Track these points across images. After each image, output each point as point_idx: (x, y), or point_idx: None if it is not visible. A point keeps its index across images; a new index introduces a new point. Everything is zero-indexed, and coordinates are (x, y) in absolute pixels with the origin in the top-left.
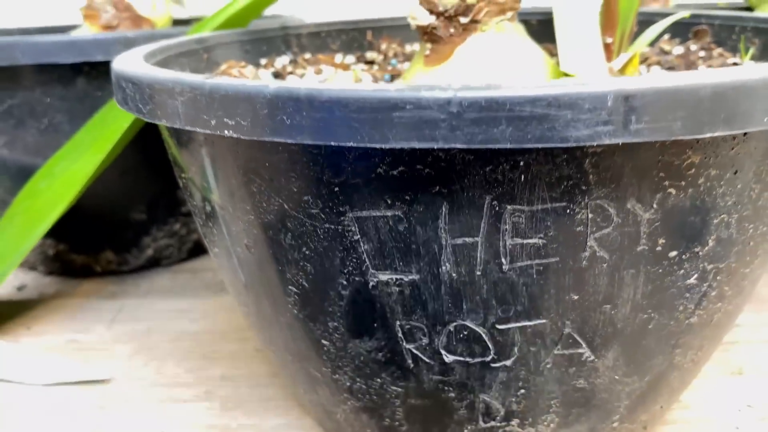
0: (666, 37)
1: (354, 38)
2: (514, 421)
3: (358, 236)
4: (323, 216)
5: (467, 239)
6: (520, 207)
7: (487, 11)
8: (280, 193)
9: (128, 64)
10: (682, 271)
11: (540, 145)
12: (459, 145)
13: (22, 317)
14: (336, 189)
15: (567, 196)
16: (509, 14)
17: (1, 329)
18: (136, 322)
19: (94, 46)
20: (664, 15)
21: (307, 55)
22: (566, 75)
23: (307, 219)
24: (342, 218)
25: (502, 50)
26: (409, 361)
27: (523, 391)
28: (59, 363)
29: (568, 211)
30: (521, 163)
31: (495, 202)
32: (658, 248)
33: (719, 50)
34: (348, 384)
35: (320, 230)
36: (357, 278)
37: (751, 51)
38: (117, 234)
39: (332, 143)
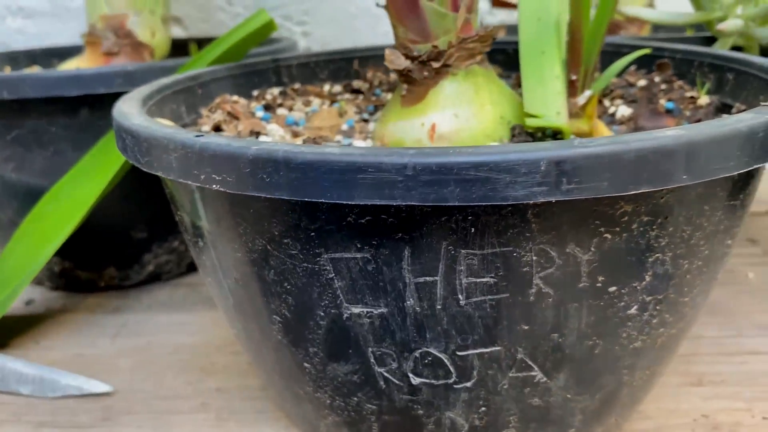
0: (633, 68)
1: (341, 67)
2: None
3: (333, 274)
4: (302, 256)
5: (428, 278)
6: (473, 251)
7: (457, 56)
8: (263, 236)
9: (128, 116)
10: (622, 303)
11: (483, 203)
12: (414, 203)
13: (30, 332)
14: (312, 234)
15: (513, 242)
16: (478, 58)
17: (11, 344)
18: (137, 337)
19: (95, 79)
20: (632, 46)
21: (297, 85)
22: (530, 115)
23: (287, 258)
24: (318, 259)
25: (471, 93)
26: (381, 383)
27: (484, 408)
28: (66, 377)
29: (515, 254)
30: (471, 215)
31: (451, 247)
32: (598, 284)
33: (680, 83)
34: (328, 401)
35: (299, 268)
36: (333, 310)
37: (707, 86)
38: (119, 251)
39: (306, 199)
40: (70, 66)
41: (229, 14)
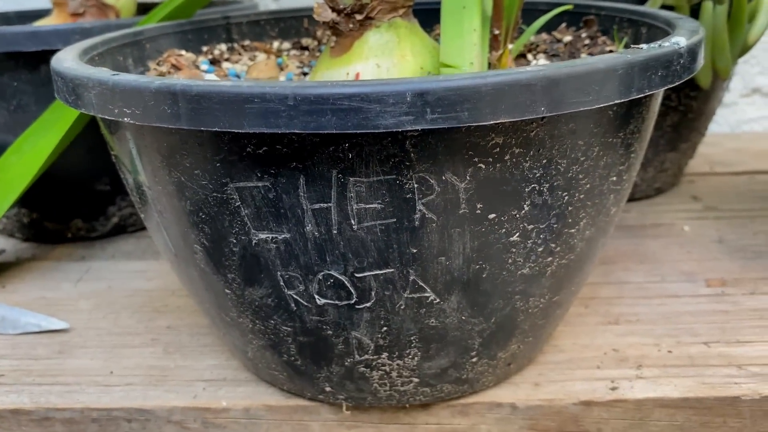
0: (563, 25)
1: (291, 25)
2: (384, 354)
3: (239, 203)
4: (211, 186)
5: (322, 204)
6: (360, 179)
7: (379, 9)
8: (177, 168)
9: (60, 61)
10: (503, 230)
11: (358, 131)
12: (297, 131)
13: None
14: (218, 164)
15: (395, 170)
16: (401, 11)
17: None
18: (99, 281)
19: (54, 35)
20: (563, 5)
21: (246, 42)
22: (445, 65)
23: (199, 189)
24: (225, 188)
25: (393, 44)
26: (292, 305)
27: (385, 328)
28: (26, 315)
29: (397, 181)
30: (356, 145)
31: (340, 175)
32: (478, 211)
33: (603, 38)
34: (250, 326)
35: (210, 198)
36: (243, 237)
37: (624, 40)
38: (85, 203)
39: (202, 128)
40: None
41: None
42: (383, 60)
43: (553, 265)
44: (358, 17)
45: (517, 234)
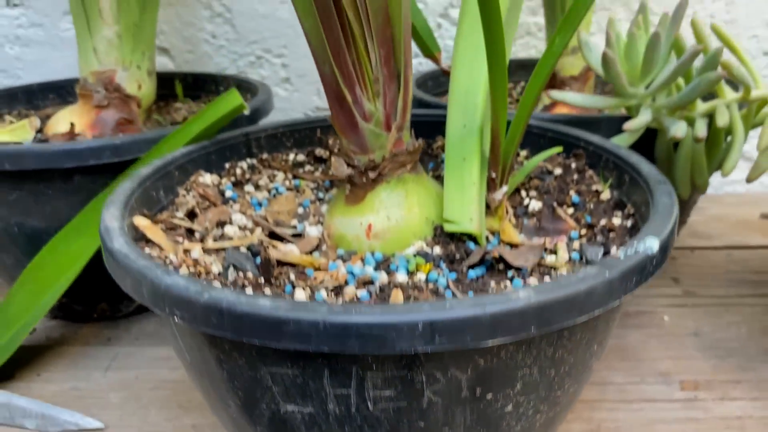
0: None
1: (306, 135)
2: None
3: (271, 382)
4: (246, 366)
5: (343, 390)
6: (376, 373)
7: (390, 167)
8: (217, 347)
9: (110, 233)
10: (499, 404)
11: (377, 353)
12: (325, 350)
13: (32, 363)
14: (254, 353)
15: (407, 368)
16: (408, 166)
17: (17, 375)
18: (126, 370)
19: (87, 152)
20: (555, 132)
21: (265, 155)
22: (448, 221)
23: (236, 367)
24: (259, 370)
25: (401, 198)
26: None
27: None
28: (64, 414)
29: (408, 376)
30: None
31: (359, 370)
32: (477, 394)
33: (590, 172)
34: None
35: (245, 374)
36: (273, 406)
37: (609, 181)
38: (110, 290)
39: (243, 340)
40: (64, 117)
41: (213, 46)
42: (393, 212)
43: (542, 419)
44: (371, 174)
45: (511, 405)
